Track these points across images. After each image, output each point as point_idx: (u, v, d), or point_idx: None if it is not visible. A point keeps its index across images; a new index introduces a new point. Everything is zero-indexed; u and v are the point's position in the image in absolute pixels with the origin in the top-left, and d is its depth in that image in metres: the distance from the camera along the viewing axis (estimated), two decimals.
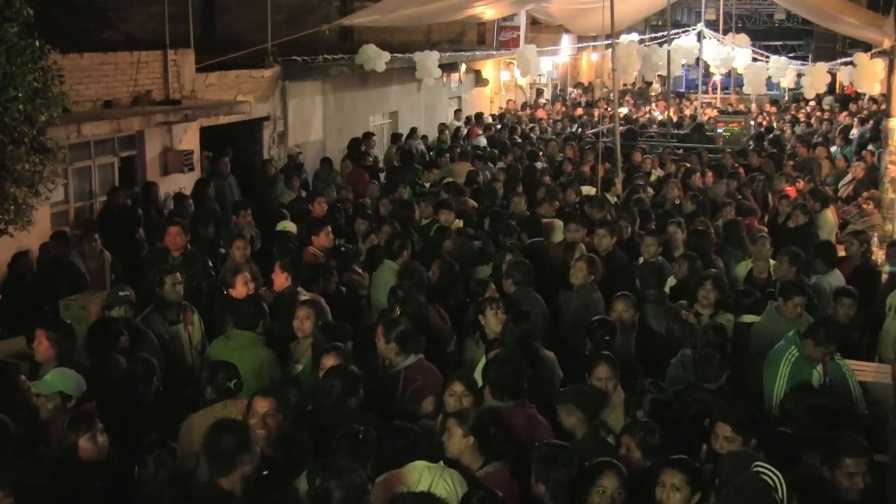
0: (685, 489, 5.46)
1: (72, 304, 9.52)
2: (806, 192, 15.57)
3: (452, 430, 6.10)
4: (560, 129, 26.07)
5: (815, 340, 7.65)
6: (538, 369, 7.80)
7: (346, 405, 6.75)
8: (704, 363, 7.38)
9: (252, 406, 6.35)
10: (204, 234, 12.18)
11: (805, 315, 8.58)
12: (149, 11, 14.96)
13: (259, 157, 17.59)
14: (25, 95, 8.66)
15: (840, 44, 35.33)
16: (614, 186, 15.54)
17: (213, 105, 15.57)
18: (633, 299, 8.82)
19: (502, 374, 6.93)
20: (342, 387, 6.77)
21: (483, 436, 6.12)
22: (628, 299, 8.78)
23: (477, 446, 6.08)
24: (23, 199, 9.06)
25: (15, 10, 8.49)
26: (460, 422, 6.11)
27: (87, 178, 13.72)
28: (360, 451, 5.90)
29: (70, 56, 11.45)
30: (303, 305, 8.48)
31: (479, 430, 6.11)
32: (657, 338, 8.87)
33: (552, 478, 5.71)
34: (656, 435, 6.23)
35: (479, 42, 28.97)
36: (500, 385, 6.90)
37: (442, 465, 5.85)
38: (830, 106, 31.93)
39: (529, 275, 9.57)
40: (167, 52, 14.87)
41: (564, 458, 5.79)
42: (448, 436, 6.12)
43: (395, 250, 10.52)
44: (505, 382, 6.89)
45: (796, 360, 7.75)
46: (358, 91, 21.52)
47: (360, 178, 16.65)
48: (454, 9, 21.86)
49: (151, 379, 7.30)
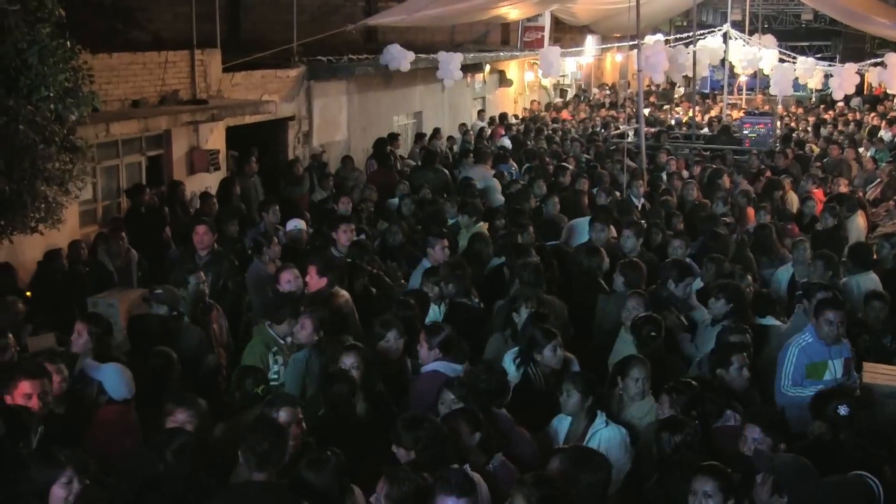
0: (718, 496, 5.39)
1: (99, 302, 9.56)
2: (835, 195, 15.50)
3: (461, 429, 6.12)
4: (583, 131, 26.05)
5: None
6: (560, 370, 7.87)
7: (352, 408, 6.80)
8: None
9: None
10: (229, 232, 12.28)
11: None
12: (176, 12, 15.04)
13: (284, 156, 17.69)
14: (56, 95, 8.74)
15: (869, 44, 35.12)
16: (639, 188, 15.54)
17: (239, 105, 15.69)
18: (645, 297, 8.84)
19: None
20: (348, 390, 6.81)
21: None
22: (640, 297, 8.82)
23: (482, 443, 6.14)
24: (53, 197, 9.13)
25: (47, 10, 8.60)
26: (468, 421, 6.15)
27: (115, 176, 13.84)
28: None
29: (99, 56, 11.54)
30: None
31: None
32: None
33: (584, 482, 5.65)
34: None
35: (503, 42, 28.99)
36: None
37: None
38: (859, 107, 31.78)
39: (539, 275, 9.61)
40: (194, 51, 14.99)
41: (594, 464, 5.76)
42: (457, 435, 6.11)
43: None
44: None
45: (807, 345, 7.92)
46: (382, 91, 21.57)
47: (386, 178, 16.71)
48: (478, 9, 21.91)
49: (170, 372, 7.37)
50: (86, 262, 11.33)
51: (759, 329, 8.86)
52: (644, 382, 7.22)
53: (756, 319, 9.05)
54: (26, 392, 6.48)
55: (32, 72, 8.48)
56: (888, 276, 10.38)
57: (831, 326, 7.84)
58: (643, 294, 8.96)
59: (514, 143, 22.22)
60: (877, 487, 5.61)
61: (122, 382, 7.10)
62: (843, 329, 7.98)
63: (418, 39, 21.62)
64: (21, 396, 6.48)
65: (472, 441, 6.10)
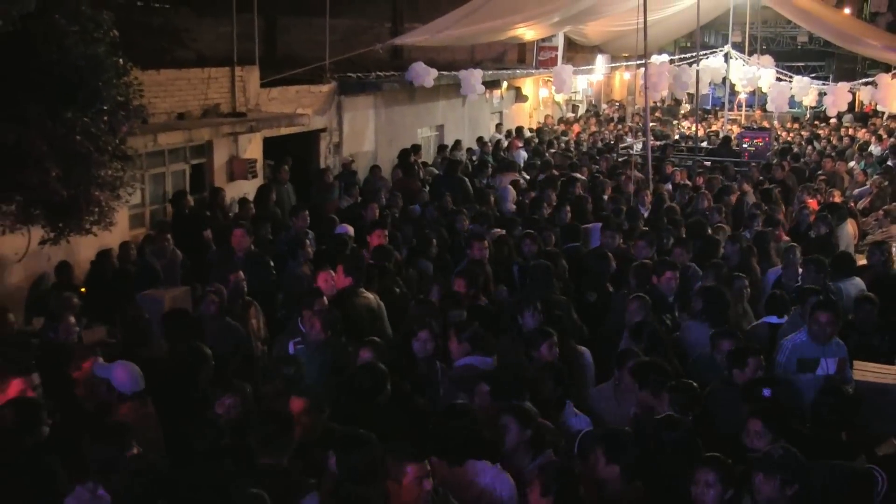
0: (718, 486, 5.41)
1: (146, 298, 9.66)
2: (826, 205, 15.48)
3: (510, 426, 6.04)
4: (593, 143, 26.04)
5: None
6: (574, 364, 7.92)
7: (374, 400, 6.71)
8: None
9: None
10: (264, 235, 12.34)
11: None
12: (218, 32, 15.10)
13: (316, 165, 17.72)
14: (110, 108, 8.77)
15: (860, 65, 34.99)
16: (646, 197, 15.55)
17: (275, 117, 15.75)
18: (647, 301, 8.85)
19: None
20: (371, 383, 6.75)
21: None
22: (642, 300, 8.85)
23: (531, 440, 6.07)
24: (105, 201, 9.18)
25: (102, 31, 8.66)
26: (520, 418, 6.07)
27: (162, 183, 13.90)
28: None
29: (148, 72, 11.57)
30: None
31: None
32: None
33: (623, 460, 5.71)
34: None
35: (519, 61, 29.00)
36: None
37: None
38: (850, 123, 31.67)
39: (546, 277, 9.64)
40: (234, 68, 15.07)
41: (630, 440, 5.81)
42: (506, 431, 6.05)
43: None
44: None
45: (801, 343, 7.96)
46: (407, 105, 21.57)
47: (410, 185, 16.75)
48: (497, 30, 21.95)
49: (202, 365, 7.35)
50: (134, 262, 11.35)
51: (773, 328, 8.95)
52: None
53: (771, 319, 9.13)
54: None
55: (88, 87, 8.51)
56: (878, 281, 10.38)
57: (821, 326, 7.88)
58: (644, 297, 8.97)
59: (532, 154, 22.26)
60: (881, 479, 5.63)
61: (129, 378, 7.05)
62: (835, 329, 8.00)
63: (441, 58, 21.64)
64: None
65: (524, 437, 6.03)
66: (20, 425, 6.01)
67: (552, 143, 25.06)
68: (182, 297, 10.04)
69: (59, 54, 8.29)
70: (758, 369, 7.35)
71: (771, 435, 6.23)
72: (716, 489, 5.43)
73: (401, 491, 5.11)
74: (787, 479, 5.47)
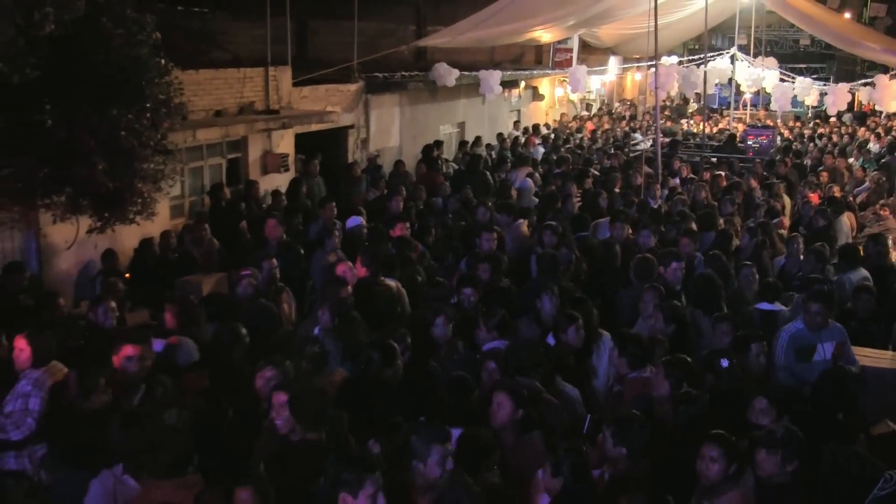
0: (722, 461, 5.44)
1: (186, 284, 9.74)
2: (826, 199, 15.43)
3: (504, 404, 6.04)
4: (605, 140, 25.98)
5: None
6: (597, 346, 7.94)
7: (383, 375, 6.74)
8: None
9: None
10: (295, 226, 12.37)
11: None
12: (252, 34, 15.11)
13: (344, 160, 17.72)
14: (152, 106, 8.87)
15: (860, 66, 34.71)
16: (656, 191, 15.53)
17: (306, 114, 15.80)
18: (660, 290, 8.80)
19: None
20: (380, 358, 6.79)
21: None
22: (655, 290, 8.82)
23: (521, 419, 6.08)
24: (148, 193, 9.27)
25: (146, 34, 8.73)
26: (515, 398, 6.07)
27: (200, 176, 13.94)
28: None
29: (187, 72, 11.63)
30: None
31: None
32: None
33: (632, 441, 5.69)
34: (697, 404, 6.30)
35: (536, 62, 28.90)
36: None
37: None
38: (850, 122, 31.47)
39: (555, 265, 9.63)
40: (268, 69, 15.09)
41: (639, 423, 5.80)
42: (498, 408, 6.06)
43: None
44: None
45: (797, 332, 7.95)
46: (430, 104, 21.57)
47: (432, 179, 16.78)
48: (515, 32, 21.92)
49: (237, 344, 7.40)
50: (174, 250, 11.44)
51: (765, 314, 8.92)
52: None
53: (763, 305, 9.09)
54: (128, 355, 6.60)
55: (132, 86, 8.60)
56: (873, 271, 10.35)
57: (812, 316, 7.87)
58: (657, 287, 8.93)
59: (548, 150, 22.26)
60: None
61: (185, 351, 7.31)
62: (829, 318, 7.96)
63: (462, 59, 21.59)
64: (123, 359, 6.61)
65: (515, 416, 6.03)
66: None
67: (567, 139, 25.03)
68: (219, 283, 10.09)
69: (106, 55, 8.37)
70: (760, 355, 7.34)
71: (774, 412, 6.26)
72: (720, 464, 5.45)
73: (425, 470, 5.13)
74: (788, 455, 5.48)
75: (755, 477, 5.58)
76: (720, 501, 5.36)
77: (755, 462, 5.57)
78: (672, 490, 5.42)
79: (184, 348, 7.39)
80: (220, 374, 7.15)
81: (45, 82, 7.76)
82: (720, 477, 5.46)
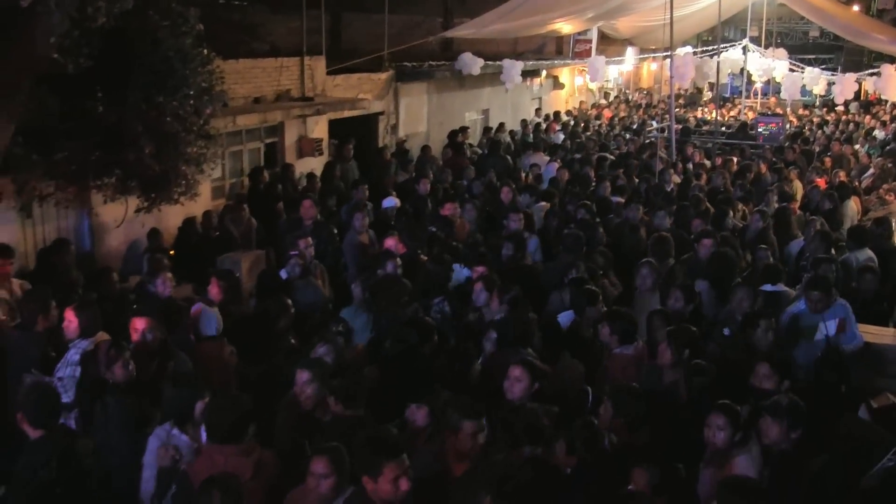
0: (728, 429, 5.46)
1: (226, 260, 9.82)
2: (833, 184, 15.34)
3: (522, 378, 6.04)
4: (622, 127, 25.86)
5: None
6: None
7: (419, 351, 6.71)
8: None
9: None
10: (329, 206, 12.41)
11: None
12: (289, 26, 15.13)
13: (375, 144, 17.74)
14: (195, 93, 8.91)
15: (867, 57, 34.24)
16: (670, 175, 15.47)
17: (339, 102, 15.81)
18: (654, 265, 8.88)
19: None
20: (417, 335, 6.78)
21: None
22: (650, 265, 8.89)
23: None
24: (191, 175, 9.34)
25: (189, 25, 8.78)
26: (530, 370, 6.10)
27: (239, 159, 14.01)
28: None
29: (228, 62, 11.64)
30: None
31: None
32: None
33: (630, 411, 5.74)
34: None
35: (557, 52, 28.73)
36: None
37: None
38: (856, 110, 31.15)
39: (578, 244, 9.65)
40: (303, 58, 15.12)
41: (636, 394, 5.85)
42: (516, 381, 6.04)
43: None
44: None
45: (799, 312, 7.97)
46: (456, 91, 21.50)
47: (458, 163, 16.79)
48: (537, 24, 21.83)
49: (281, 315, 7.48)
50: (215, 228, 11.50)
51: (768, 295, 8.86)
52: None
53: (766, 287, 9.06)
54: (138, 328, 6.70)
55: (177, 74, 8.64)
56: (877, 252, 10.30)
57: (814, 302, 7.86)
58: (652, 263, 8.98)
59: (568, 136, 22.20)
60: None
61: (209, 323, 7.42)
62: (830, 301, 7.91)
63: (487, 49, 21.49)
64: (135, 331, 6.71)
65: (532, 390, 6.01)
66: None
67: (586, 126, 24.93)
68: (257, 260, 10.17)
69: (153, 46, 8.43)
70: (768, 331, 7.32)
71: (777, 377, 6.29)
72: (726, 432, 5.48)
73: (456, 441, 5.11)
74: (792, 423, 5.51)
75: (760, 444, 5.59)
76: (727, 467, 5.38)
77: (761, 430, 5.59)
78: (680, 457, 5.47)
79: (207, 318, 7.50)
80: (260, 343, 7.25)
81: (97, 72, 7.82)
82: (727, 444, 5.48)
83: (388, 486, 4.46)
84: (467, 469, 5.15)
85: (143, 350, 6.48)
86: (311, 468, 4.77)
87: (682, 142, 19.89)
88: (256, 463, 5.05)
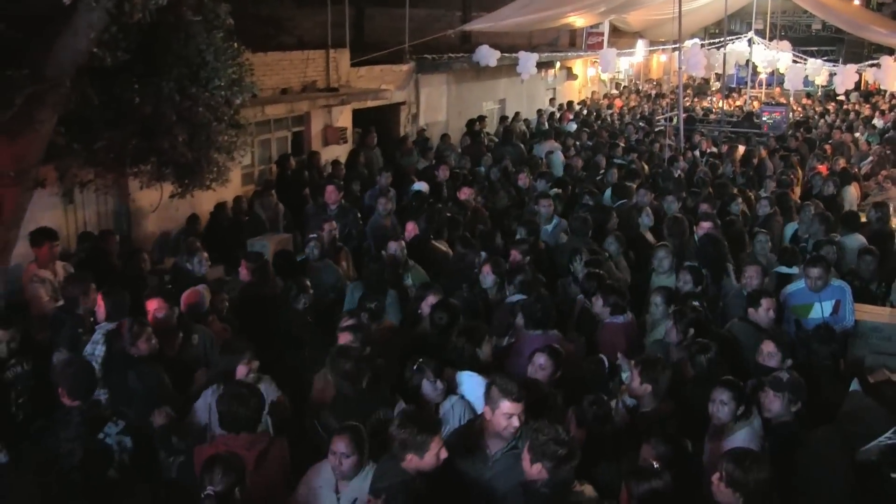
0: (731, 404, 5.45)
1: (255, 243, 9.86)
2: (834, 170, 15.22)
3: (546, 365, 5.97)
4: (633, 116, 25.72)
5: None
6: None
7: (449, 334, 6.52)
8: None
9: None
10: (353, 192, 12.42)
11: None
12: (315, 20, 15.12)
13: (397, 133, 17.74)
14: (226, 84, 8.87)
15: (867, 49, 33.88)
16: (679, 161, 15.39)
17: (363, 92, 15.80)
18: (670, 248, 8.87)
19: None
20: (448, 319, 6.68)
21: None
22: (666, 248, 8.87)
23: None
24: (222, 162, 9.33)
25: (220, 20, 8.77)
26: (555, 358, 6.00)
27: (268, 147, 14.04)
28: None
29: (257, 54, 11.67)
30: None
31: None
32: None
33: (657, 379, 5.73)
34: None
35: (570, 44, 28.57)
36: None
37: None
38: (857, 100, 30.87)
39: (586, 228, 9.63)
40: (329, 51, 15.11)
41: (663, 363, 5.86)
42: (540, 369, 5.97)
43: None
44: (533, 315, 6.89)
45: (797, 290, 7.99)
46: (474, 82, 21.46)
47: (476, 150, 16.75)
48: (551, 18, 21.73)
49: (300, 294, 7.51)
50: (245, 213, 11.55)
51: (780, 276, 8.89)
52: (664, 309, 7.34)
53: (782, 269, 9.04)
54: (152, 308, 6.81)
55: (209, 67, 8.62)
56: (875, 235, 10.23)
57: (812, 280, 7.85)
58: (668, 245, 8.98)
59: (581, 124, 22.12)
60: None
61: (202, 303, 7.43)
62: (828, 280, 7.90)
63: (503, 42, 21.41)
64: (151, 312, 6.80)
65: (554, 377, 5.96)
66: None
67: (598, 115, 24.82)
68: (285, 243, 10.21)
69: (186, 41, 8.41)
70: (770, 310, 7.30)
71: (780, 354, 6.29)
72: (730, 406, 5.47)
73: (493, 418, 5.03)
74: (793, 397, 5.51)
75: (761, 417, 5.60)
76: (731, 439, 5.38)
77: (763, 404, 5.60)
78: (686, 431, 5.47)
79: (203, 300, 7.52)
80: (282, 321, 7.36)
81: (133, 64, 7.84)
82: (730, 418, 5.47)
83: (432, 459, 4.64)
84: (503, 450, 5.02)
85: (158, 328, 6.54)
86: (333, 447, 4.82)
87: (690, 130, 19.77)
88: (259, 455, 5.02)
